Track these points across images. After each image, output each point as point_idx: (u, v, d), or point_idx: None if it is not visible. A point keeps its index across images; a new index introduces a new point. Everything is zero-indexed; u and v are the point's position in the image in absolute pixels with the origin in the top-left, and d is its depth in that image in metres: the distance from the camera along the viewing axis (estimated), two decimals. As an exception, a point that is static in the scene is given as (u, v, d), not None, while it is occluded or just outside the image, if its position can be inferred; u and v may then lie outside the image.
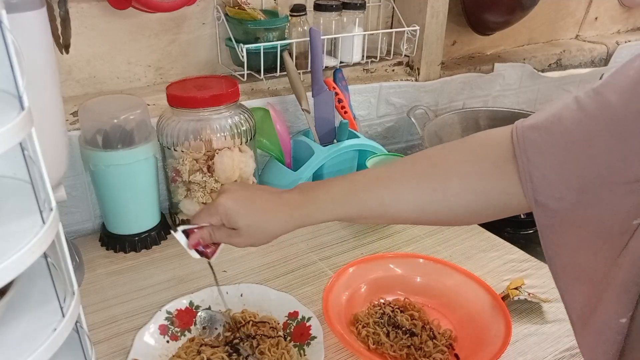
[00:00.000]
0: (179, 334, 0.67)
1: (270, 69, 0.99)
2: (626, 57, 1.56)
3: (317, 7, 1.03)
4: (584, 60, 1.54)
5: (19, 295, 0.42)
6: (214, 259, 0.63)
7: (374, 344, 0.66)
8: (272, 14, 0.99)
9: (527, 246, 0.91)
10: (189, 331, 0.68)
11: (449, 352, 0.66)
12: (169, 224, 0.93)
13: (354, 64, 1.11)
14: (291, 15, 1.00)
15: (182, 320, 0.69)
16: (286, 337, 0.67)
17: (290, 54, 1.00)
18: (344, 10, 1.05)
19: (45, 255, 0.43)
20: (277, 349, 0.64)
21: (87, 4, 0.86)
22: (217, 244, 0.63)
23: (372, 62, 1.13)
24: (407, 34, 1.13)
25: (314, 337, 0.65)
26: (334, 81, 1.03)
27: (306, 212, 0.58)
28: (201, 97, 0.82)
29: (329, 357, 0.66)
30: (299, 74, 1.00)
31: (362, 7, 1.06)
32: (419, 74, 1.20)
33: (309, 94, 0.99)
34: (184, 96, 0.82)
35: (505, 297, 0.74)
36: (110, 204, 0.85)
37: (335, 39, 1.06)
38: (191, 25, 0.97)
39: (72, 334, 0.43)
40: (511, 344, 0.63)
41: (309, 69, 0.99)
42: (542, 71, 1.44)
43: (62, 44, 0.76)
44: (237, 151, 0.86)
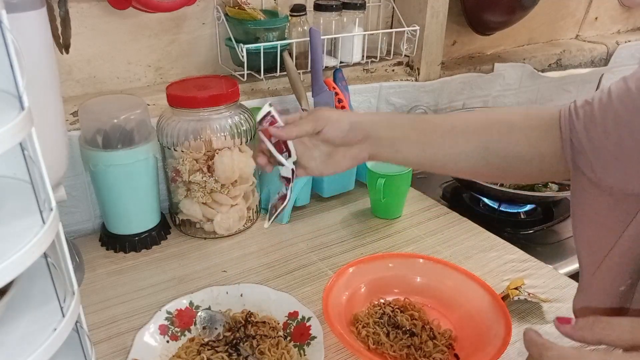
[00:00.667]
0: (179, 334, 0.67)
1: (270, 69, 0.99)
2: (626, 57, 1.57)
3: (317, 7, 1.03)
4: (584, 60, 1.54)
5: (19, 295, 0.42)
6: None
7: (374, 344, 0.66)
8: (272, 14, 0.99)
9: (527, 246, 0.91)
10: (189, 331, 0.68)
11: (449, 352, 0.66)
12: (170, 221, 0.93)
13: (354, 64, 1.11)
14: (291, 15, 1.00)
15: (182, 320, 0.69)
16: (286, 337, 0.67)
17: (290, 54, 1.00)
18: (344, 10, 1.05)
19: (45, 255, 0.43)
20: (277, 349, 0.64)
21: (87, 4, 0.86)
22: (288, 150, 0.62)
23: (372, 62, 1.13)
24: (407, 34, 1.13)
25: (314, 337, 0.65)
26: (334, 81, 1.02)
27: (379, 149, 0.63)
28: (201, 97, 0.82)
29: (329, 357, 0.66)
30: (299, 74, 1.00)
31: (362, 7, 1.06)
32: (419, 74, 1.21)
33: (309, 94, 0.99)
34: (184, 96, 0.82)
35: (505, 297, 0.74)
36: (110, 204, 0.85)
37: (335, 39, 1.06)
38: (191, 25, 0.97)
39: (72, 334, 0.43)
40: (511, 344, 0.63)
41: (309, 69, 0.99)
42: (542, 71, 1.44)
43: (62, 44, 0.77)
44: (237, 151, 0.86)
